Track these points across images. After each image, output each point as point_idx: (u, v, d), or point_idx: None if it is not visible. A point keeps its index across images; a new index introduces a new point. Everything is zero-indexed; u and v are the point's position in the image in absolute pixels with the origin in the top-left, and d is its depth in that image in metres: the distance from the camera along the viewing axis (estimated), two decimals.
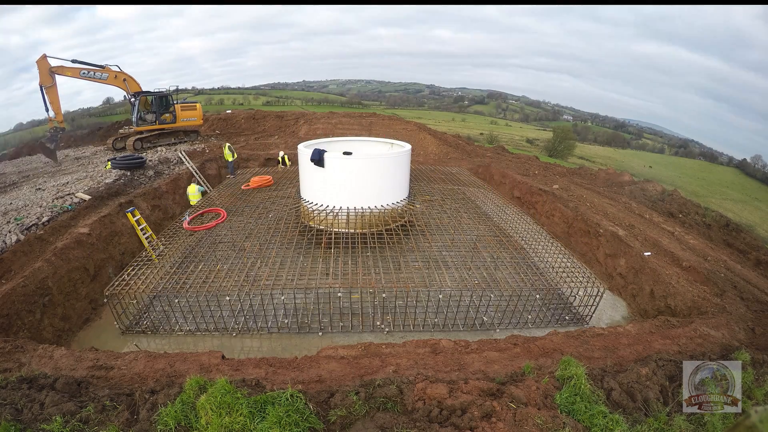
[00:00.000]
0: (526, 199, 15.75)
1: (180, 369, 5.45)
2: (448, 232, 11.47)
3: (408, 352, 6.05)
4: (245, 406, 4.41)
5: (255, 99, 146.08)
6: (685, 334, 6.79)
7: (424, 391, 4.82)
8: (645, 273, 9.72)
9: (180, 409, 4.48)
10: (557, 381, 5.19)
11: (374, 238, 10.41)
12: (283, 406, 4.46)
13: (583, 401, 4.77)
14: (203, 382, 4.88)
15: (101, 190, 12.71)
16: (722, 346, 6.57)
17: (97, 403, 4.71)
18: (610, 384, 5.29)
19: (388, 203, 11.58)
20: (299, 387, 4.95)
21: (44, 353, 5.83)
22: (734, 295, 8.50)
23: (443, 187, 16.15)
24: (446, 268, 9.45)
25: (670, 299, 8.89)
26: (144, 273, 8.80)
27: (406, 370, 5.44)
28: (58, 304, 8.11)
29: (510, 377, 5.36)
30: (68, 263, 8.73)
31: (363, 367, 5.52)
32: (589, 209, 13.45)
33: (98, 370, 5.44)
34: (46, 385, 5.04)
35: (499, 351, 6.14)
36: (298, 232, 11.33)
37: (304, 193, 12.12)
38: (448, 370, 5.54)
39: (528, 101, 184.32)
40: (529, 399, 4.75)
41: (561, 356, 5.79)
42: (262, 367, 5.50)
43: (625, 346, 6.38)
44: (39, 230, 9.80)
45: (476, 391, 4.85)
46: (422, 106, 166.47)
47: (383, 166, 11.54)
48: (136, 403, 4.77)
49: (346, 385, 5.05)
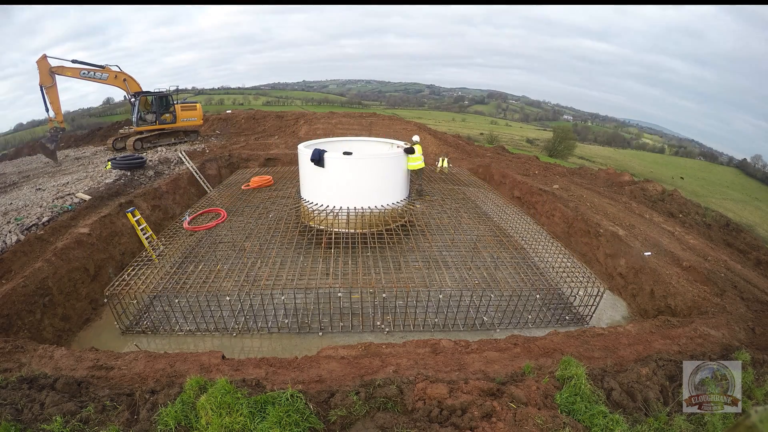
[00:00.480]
0: (526, 199, 15.75)
1: (180, 369, 5.45)
2: (448, 232, 11.48)
3: (408, 352, 6.05)
4: (245, 406, 4.41)
5: (255, 99, 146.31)
6: (686, 334, 6.79)
7: (425, 391, 4.82)
8: (645, 273, 9.72)
9: (180, 409, 4.48)
10: (557, 381, 5.19)
11: (374, 238, 10.42)
12: (283, 406, 4.46)
13: (583, 401, 4.77)
14: (203, 382, 4.89)
15: (101, 190, 12.71)
16: (722, 345, 6.57)
17: (97, 403, 4.71)
18: (610, 384, 5.30)
19: (389, 203, 11.59)
20: (299, 387, 4.95)
21: (44, 353, 5.83)
22: (734, 294, 8.50)
23: (443, 187, 16.15)
24: (446, 268, 9.45)
25: (670, 299, 8.89)
26: (144, 273, 8.81)
27: (406, 370, 5.44)
28: (58, 304, 8.11)
29: (510, 377, 5.37)
30: (68, 263, 8.73)
31: (363, 367, 5.52)
32: (589, 209, 13.45)
33: (98, 370, 5.44)
34: (46, 385, 5.04)
35: (499, 351, 6.14)
36: (299, 232, 11.34)
37: (304, 193, 12.13)
38: (448, 370, 5.54)
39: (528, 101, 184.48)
40: (529, 399, 4.75)
41: (561, 356, 5.79)
42: (263, 367, 5.50)
43: (625, 346, 6.37)
44: (39, 230, 9.80)
45: (476, 391, 4.85)
46: (422, 106, 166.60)
47: (383, 166, 11.55)
48: (137, 403, 4.77)
49: (346, 385, 5.05)
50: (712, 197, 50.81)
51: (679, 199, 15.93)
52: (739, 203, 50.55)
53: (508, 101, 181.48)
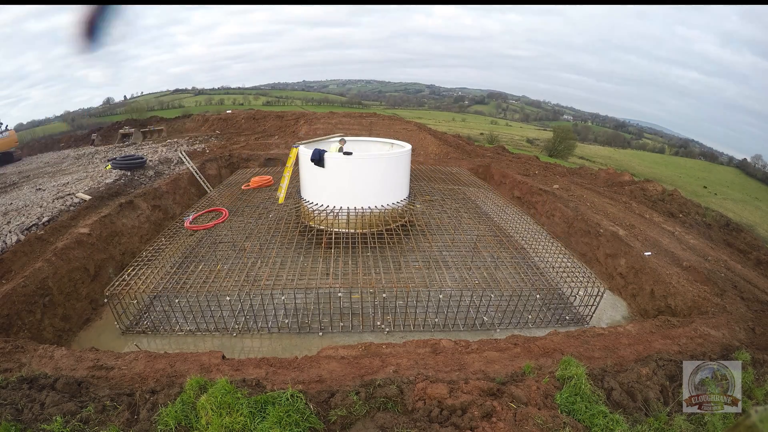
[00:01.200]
0: (527, 199, 15.76)
1: (180, 369, 5.45)
2: (448, 231, 11.48)
3: (408, 352, 6.05)
4: (245, 406, 4.42)
5: (255, 99, 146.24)
6: (686, 334, 6.79)
7: (425, 391, 4.82)
8: (645, 273, 9.72)
9: (180, 409, 4.49)
10: (557, 381, 5.19)
11: (374, 238, 10.42)
12: (283, 406, 4.47)
13: (583, 401, 4.77)
14: (203, 382, 4.89)
15: (101, 190, 12.72)
16: (723, 345, 6.56)
17: (97, 403, 4.72)
18: (610, 384, 5.30)
19: (389, 203, 11.58)
20: (299, 387, 4.95)
21: (44, 353, 5.83)
22: (734, 294, 8.50)
23: (443, 186, 16.15)
24: (446, 268, 9.45)
25: (670, 299, 8.89)
26: (144, 273, 8.81)
27: (406, 370, 5.44)
28: (58, 305, 8.11)
29: (510, 377, 5.37)
30: (69, 263, 8.73)
31: (363, 367, 5.52)
32: (589, 209, 13.46)
33: (98, 370, 5.44)
34: (46, 385, 5.04)
35: (499, 351, 6.14)
36: (299, 232, 11.34)
37: (304, 193, 12.12)
38: (448, 370, 5.54)
39: (528, 101, 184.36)
40: (529, 399, 4.76)
41: (561, 356, 5.79)
42: (263, 367, 5.50)
43: (625, 346, 6.37)
44: (39, 230, 9.80)
45: (476, 390, 4.85)
46: (422, 106, 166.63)
47: (383, 166, 11.55)
48: (137, 403, 4.77)
49: (346, 385, 5.05)
50: (712, 197, 50.84)
51: (679, 198, 15.93)
52: (739, 203, 50.56)
53: (508, 101, 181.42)
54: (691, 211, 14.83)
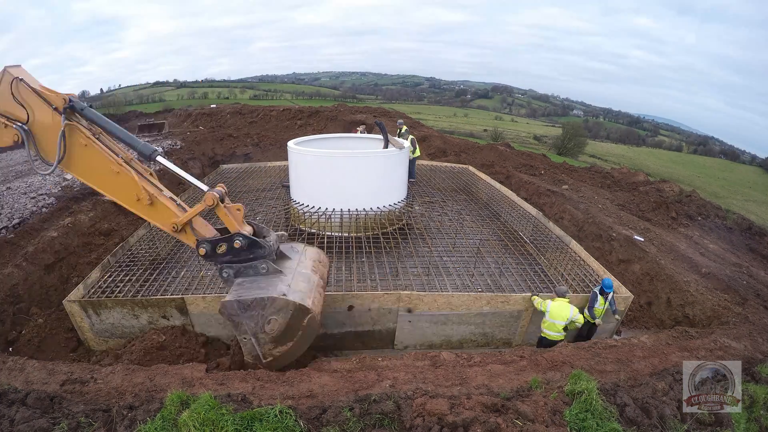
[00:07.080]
0: (534, 200, 15.78)
1: (160, 383, 5.45)
2: (449, 235, 11.49)
3: (406, 365, 6.07)
4: (231, 423, 4.42)
5: (242, 93, 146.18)
6: (705, 346, 6.83)
7: (424, 407, 4.83)
8: (661, 280, 9.77)
9: (161, 426, 4.48)
10: (567, 396, 5.21)
11: (370, 243, 10.42)
12: (271, 423, 4.47)
13: (594, 418, 4.80)
14: (185, 397, 4.88)
15: (75, 190, 12.69)
16: (744, 358, 6.60)
17: (71, 419, 4.70)
18: (623, 399, 5.32)
19: (385, 205, 11.58)
20: (289, 402, 4.95)
21: (14, 366, 5.81)
22: (757, 303, 8.56)
23: (443, 187, 16.18)
24: (447, 274, 9.45)
25: (688, 308, 8.94)
26: (123, 280, 8.75)
27: (403, 384, 5.46)
28: (29, 312, 8.08)
29: (516, 392, 5.38)
30: (40, 268, 8.71)
31: (357, 381, 5.53)
32: (600, 211, 13.53)
33: (73, 384, 5.42)
34: (16, 400, 5.02)
35: (504, 364, 6.16)
36: (288, 235, 11.31)
37: (294, 194, 12.12)
38: (449, 384, 5.56)
39: (535, 95, 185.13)
40: (536, 415, 4.78)
41: (571, 369, 5.82)
42: (249, 381, 5.50)
43: (639, 359, 6.41)
44: (9, 234, 9.77)
45: (479, 406, 4.87)
46: (421, 101, 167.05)
47: (379, 165, 11.55)
48: (113, 419, 4.76)
49: (339, 401, 5.05)
50: (734, 198, 51.13)
51: (697, 200, 16.03)
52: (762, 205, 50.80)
53: (513, 95, 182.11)
54: (711, 213, 14.93)
